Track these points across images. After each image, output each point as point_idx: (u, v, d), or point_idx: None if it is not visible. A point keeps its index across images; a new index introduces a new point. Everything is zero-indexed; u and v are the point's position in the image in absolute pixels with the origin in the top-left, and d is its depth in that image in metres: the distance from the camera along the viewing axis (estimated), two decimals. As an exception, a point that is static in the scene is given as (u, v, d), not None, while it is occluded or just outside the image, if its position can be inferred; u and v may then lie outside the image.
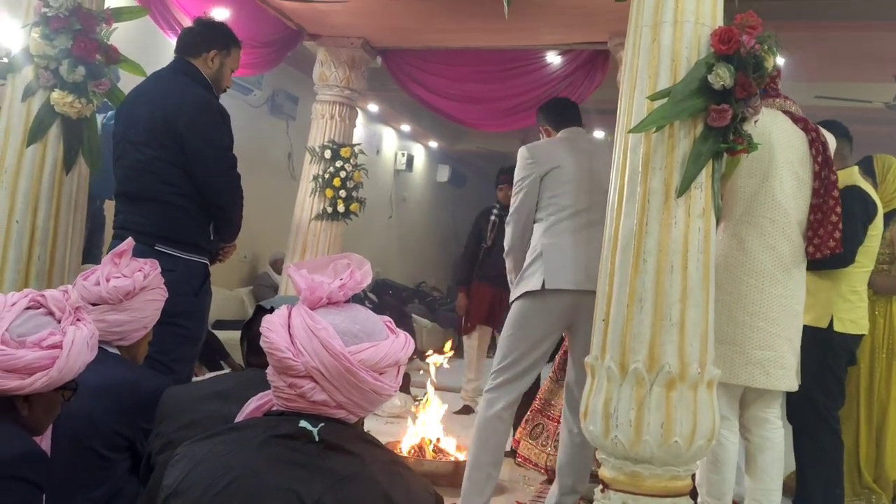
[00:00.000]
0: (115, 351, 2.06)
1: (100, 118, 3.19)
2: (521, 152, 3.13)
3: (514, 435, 3.76)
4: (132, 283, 2.05)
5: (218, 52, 2.86)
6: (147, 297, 2.10)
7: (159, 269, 2.18)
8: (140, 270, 2.09)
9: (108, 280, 2.03)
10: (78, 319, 1.68)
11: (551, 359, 3.60)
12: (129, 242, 2.15)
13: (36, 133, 2.83)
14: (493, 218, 5.34)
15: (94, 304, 1.99)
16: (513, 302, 3.06)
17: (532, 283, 2.96)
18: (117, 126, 2.84)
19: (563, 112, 3.35)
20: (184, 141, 2.68)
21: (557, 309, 2.96)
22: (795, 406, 3.15)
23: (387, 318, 1.38)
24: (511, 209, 3.14)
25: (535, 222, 3.08)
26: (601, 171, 2.98)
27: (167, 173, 2.71)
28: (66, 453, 1.78)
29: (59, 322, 1.64)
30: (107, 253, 2.18)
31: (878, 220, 3.22)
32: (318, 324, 1.27)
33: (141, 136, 2.73)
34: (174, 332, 2.57)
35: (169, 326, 2.36)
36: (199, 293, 2.79)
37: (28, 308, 1.63)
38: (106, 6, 2.99)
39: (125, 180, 2.79)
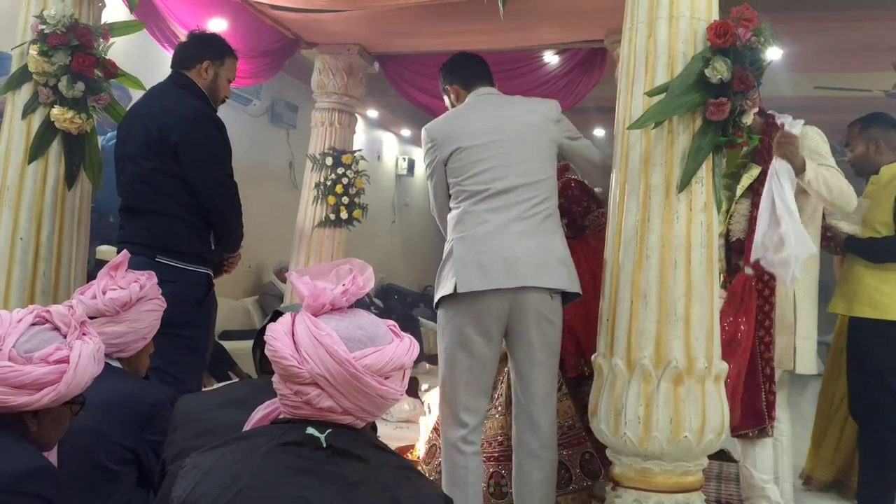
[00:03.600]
0: (117, 364, 2.07)
1: (100, 140, 3.20)
2: (423, 133, 2.73)
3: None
4: (128, 294, 2.06)
5: (211, 63, 2.86)
6: (144, 308, 2.12)
7: (156, 280, 2.19)
8: (136, 281, 2.10)
9: (104, 293, 2.05)
10: (84, 334, 1.68)
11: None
12: (125, 255, 2.16)
13: (37, 150, 2.85)
14: None
15: (92, 318, 2.00)
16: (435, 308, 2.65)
17: (445, 286, 2.52)
18: (117, 142, 2.85)
19: (471, 68, 2.82)
20: (178, 151, 2.68)
21: (481, 312, 2.48)
22: (873, 400, 3.17)
23: (391, 322, 1.38)
24: (430, 198, 2.77)
25: (449, 213, 2.67)
26: (526, 137, 2.59)
27: (165, 185, 2.71)
28: (72, 468, 1.78)
29: (66, 337, 1.64)
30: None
31: None
32: (322, 330, 1.27)
33: (138, 149, 2.73)
34: (179, 344, 2.58)
35: (173, 338, 2.37)
36: (203, 303, 2.79)
37: (34, 324, 1.63)
38: (103, 21, 3.01)
39: (125, 194, 2.80)
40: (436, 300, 2.59)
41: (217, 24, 4.32)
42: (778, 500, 3.00)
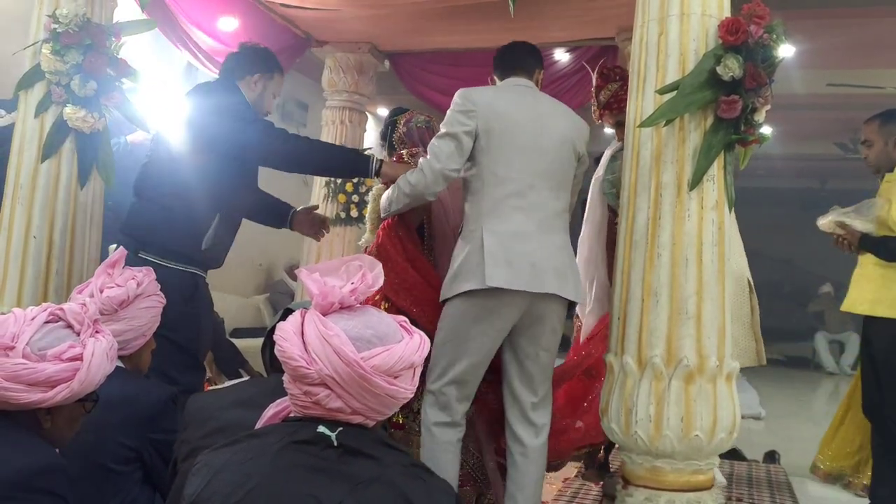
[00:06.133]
0: (119, 363, 2.06)
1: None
2: (458, 95, 2.52)
3: None
4: (125, 292, 2.05)
5: (262, 76, 2.84)
6: (142, 305, 2.11)
7: (154, 276, 2.17)
8: (133, 279, 2.09)
9: (101, 291, 2.03)
10: (97, 332, 1.69)
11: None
12: (121, 252, 2.15)
13: (50, 148, 2.86)
14: None
15: None
16: (446, 301, 2.49)
17: (473, 279, 2.40)
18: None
19: (512, 56, 2.69)
20: (204, 133, 2.66)
21: (501, 310, 2.42)
22: (886, 399, 3.17)
23: (402, 317, 1.38)
24: (432, 156, 2.48)
25: (468, 195, 2.53)
26: (562, 145, 2.53)
27: (162, 170, 2.70)
28: (74, 469, 1.76)
29: (79, 335, 1.66)
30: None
31: None
32: (331, 330, 1.27)
33: (164, 136, 2.75)
34: (168, 343, 2.51)
35: (161, 338, 2.34)
36: (190, 302, 2.71)
37: (47, 322, 1.64)
38: (115, 20, 3.02)
39: (137, 178, 2.80)
40: (459, 290, 2.42)
41: (228, 23, 4.34)
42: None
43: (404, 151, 2.92)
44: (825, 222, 3.32)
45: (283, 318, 1.80)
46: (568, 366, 2.95)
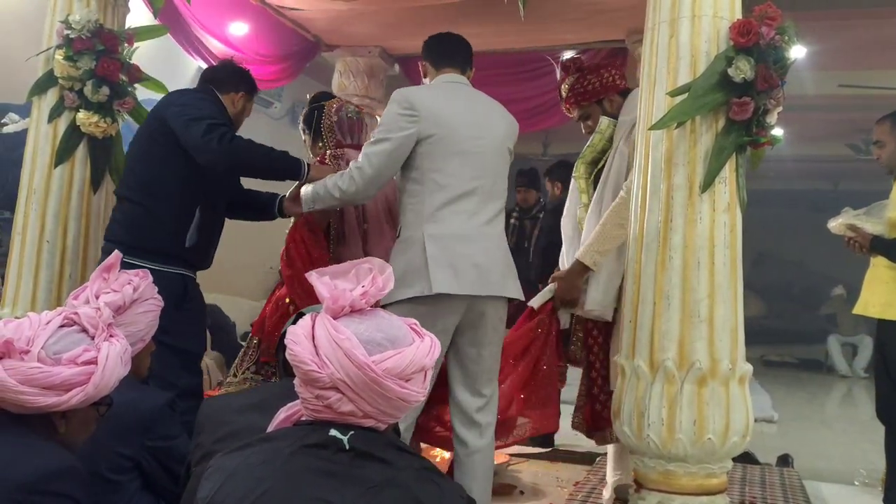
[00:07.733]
0: None
1: None
2: (398, 98, 2.49)
3: None
4: (122, 298, 2.00)
5: (245, 94, 2.90)
6: (139, 310, 2.06)
7: (150, 279, 2.14)
8: (129, 283, 2.04)
9: (97, 297, 1.96)
10: (111, 335, 1.70)
11: None
12: (117, 255, 2.09)
13: (63, 154, 2.88)
14: (512, 221, 5.33)
15: None
16: (387, 305, 2.35)
17: (418, 284, 2.37)
18: None
19: (447, 46, 2.71)
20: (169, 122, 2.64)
21: (444, 313, 2.42)
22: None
23: (412, 320, 1.38)
24: (364, 162, 2.46)
25: (407, 199, 2.52)
26: (498, 144, 2.57)
27: (145, 171, 2.69)
28: None
29: (93, 338, 1.66)
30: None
31: None
32: (342, 334, 1.27)
33: (137, 135, 2.77)
34: (161, 347, 2.44)
35: (154, 342, 2.33)
36: (182, 306, 2.68)
37: (62, 326, 1.65)
38: (127, 26, 3.04)
39: (119, 183, 2.82)
40: (402, 297, 2.38)
41: (239, 28, 4.36)
42: None
43: (328, 153, 2.97)
44: (836, 224, 3.31)
45: (296, 322, 1.80)
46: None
